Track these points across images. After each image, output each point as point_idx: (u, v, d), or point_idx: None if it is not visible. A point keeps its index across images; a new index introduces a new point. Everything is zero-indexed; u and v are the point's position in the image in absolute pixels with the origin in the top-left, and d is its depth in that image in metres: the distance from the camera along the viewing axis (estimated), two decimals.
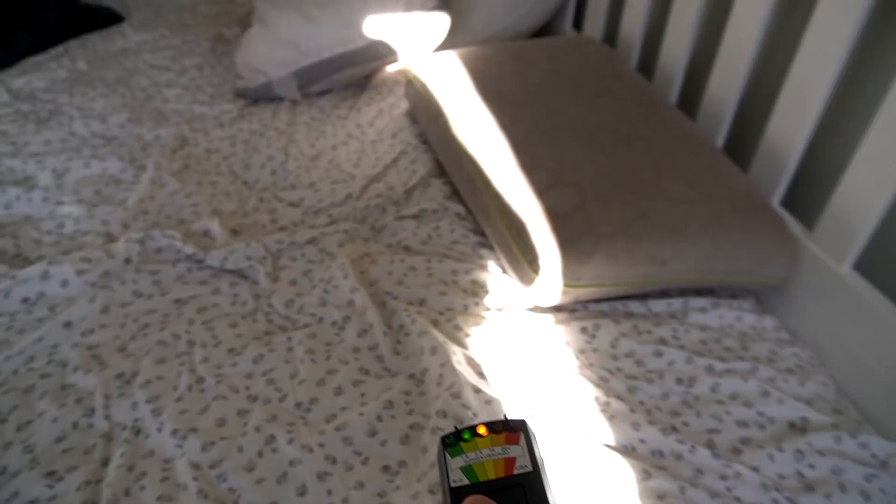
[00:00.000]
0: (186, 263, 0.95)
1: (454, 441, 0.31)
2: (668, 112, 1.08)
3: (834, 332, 0.87)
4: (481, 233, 1.03)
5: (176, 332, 0.84)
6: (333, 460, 0.70)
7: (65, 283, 0.88)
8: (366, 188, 1.13)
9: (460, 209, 1.07)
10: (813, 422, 0.77)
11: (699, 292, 0.96)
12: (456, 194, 1.10)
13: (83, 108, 1.28)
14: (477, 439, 0.30)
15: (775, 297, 0.97)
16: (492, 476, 0.29)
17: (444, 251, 1.00)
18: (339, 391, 0.78)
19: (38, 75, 1.37)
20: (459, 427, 0.32)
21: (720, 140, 1.08)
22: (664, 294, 0.95)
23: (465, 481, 0.29)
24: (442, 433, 0.36)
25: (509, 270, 0.93)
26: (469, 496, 0.29)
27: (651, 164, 0.95)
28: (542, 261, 0.85)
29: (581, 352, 0.84)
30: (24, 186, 1.06)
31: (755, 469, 0.71)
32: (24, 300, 0.87)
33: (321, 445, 0.71)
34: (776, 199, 0.98)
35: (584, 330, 0.87)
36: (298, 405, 0.76)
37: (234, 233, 1.01)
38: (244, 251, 0.95)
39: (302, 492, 0.67)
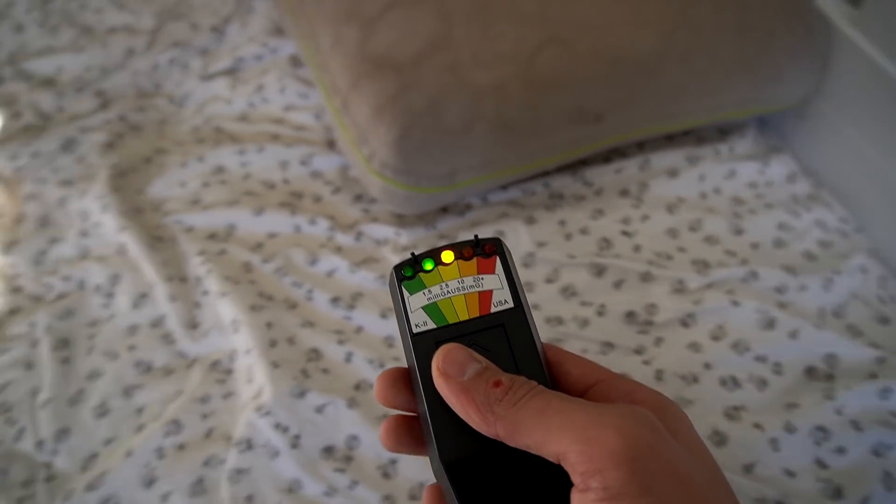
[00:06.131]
0: None
1: (411, 272, 0.24)
2: None
3: (885, 173, 0.54)
4: None
5: None
6: None
7: None
8: (156, 33, 0.73)
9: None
10: (844, 360, 0.48)
11: (668, 139, 0.62)
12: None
13: None
14: (441, 269, 0.24)
15: (785, 127, 0.63)
16: (464, 316, 0.23)
17: (270, 130, 0.64)
18: (101, 411, 0.50)
19: None
20: (416, 253, 0.25)
21: None
22: (610, 154, 0.61)
23: (431, 324, 0.23)
24: (395, 264, 0.24)
25: (350, 161, 0.57)
26: (442, 346, 0.22)
27: None
28: (369, 148, 0.51)
29: None
30: None
31: (747, 468, 0.45)
32: None
33: None
34: None
35: None
36: (40, 445, 0.49)
37: None
38: None
39: None
